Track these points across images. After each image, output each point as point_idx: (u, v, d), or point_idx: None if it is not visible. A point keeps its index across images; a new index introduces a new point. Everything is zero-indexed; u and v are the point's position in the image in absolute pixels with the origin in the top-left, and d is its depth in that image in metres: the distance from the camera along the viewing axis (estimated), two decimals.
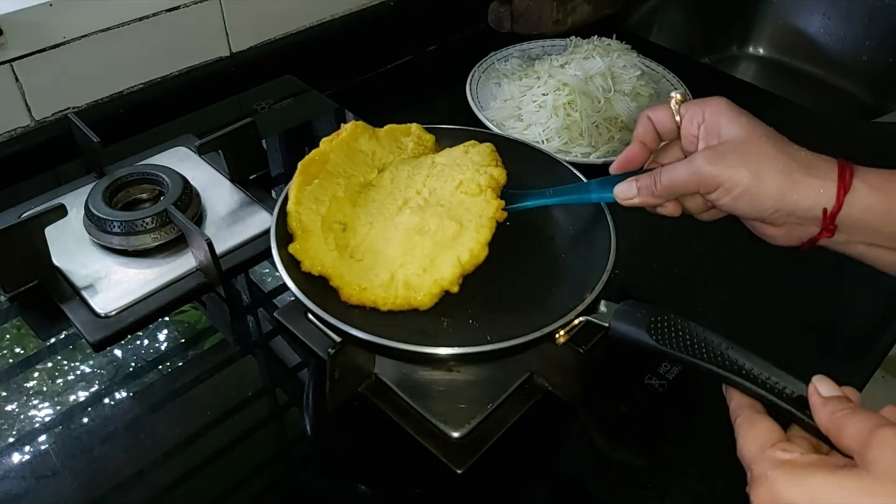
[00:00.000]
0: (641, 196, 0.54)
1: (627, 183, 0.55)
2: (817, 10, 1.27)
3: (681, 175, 0.51)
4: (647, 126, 0.56)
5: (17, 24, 0.78)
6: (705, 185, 0.49)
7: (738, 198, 0.49)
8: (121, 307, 0.67)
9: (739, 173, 0.48)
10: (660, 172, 0.52)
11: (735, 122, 0.50)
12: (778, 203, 0.48)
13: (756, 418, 0.42)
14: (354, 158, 0.65)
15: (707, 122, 0.52)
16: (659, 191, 0.52)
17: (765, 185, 0.48)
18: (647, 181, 0.53)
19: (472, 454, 0.56)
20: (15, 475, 0.56)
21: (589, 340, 0.56)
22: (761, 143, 0.49)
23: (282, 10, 1.00)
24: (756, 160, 0.48)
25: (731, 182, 0.48)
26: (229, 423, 0.60)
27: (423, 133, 0.69)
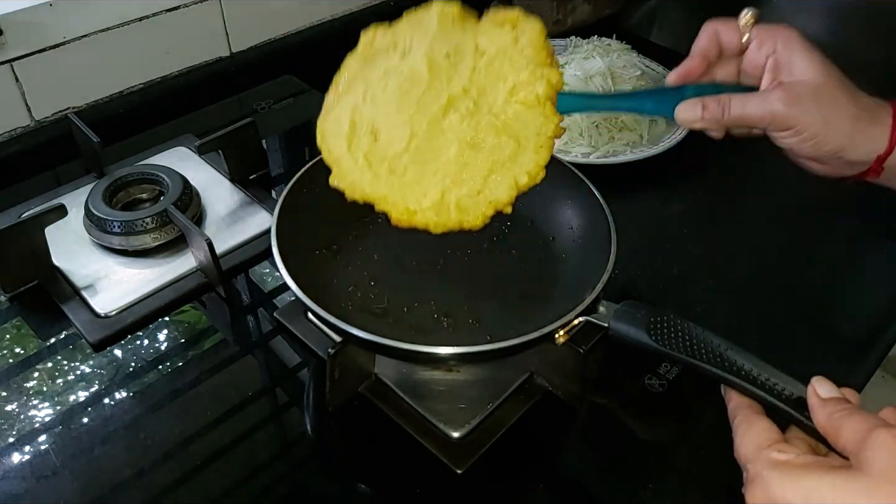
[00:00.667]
0: (705, 122, 0.52)
1: (692, 104, 0.52)
2: (817, 10, 1.27)
3: (754, 111, 0.50)
4: (713, 39, 0.54)
5: (17, 24, 0.78)
6: (776, 124, 0.49)
7: (804, 140, 0.49)
8: (121, 307, 0.67)
9: (814, 119, 0.48)
10: (729, 102, 0.51)
11: (809, 61, 0.50)
12: (838, 148, 0.49)
13: (754, 419, 0.42)
14: (374, 59, 0.58)
15: (778, 54, 0.51)
16: (725, 120, 0.51)
17: (833, 133, 0.48)
18: (714, 107, 0.51)
19: (472, 454, 0.56)
20: (15, 475, 0.56)
21: (589, 340, 0.56)
22: (835, 88, 0.49)
23: (282, 10, 1.00)
24: (830, 107, 0.48)
25: (802, 126, 0.49)
26: (229, 423, 0.60)
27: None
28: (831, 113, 0.48)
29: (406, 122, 0.52)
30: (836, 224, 0.84)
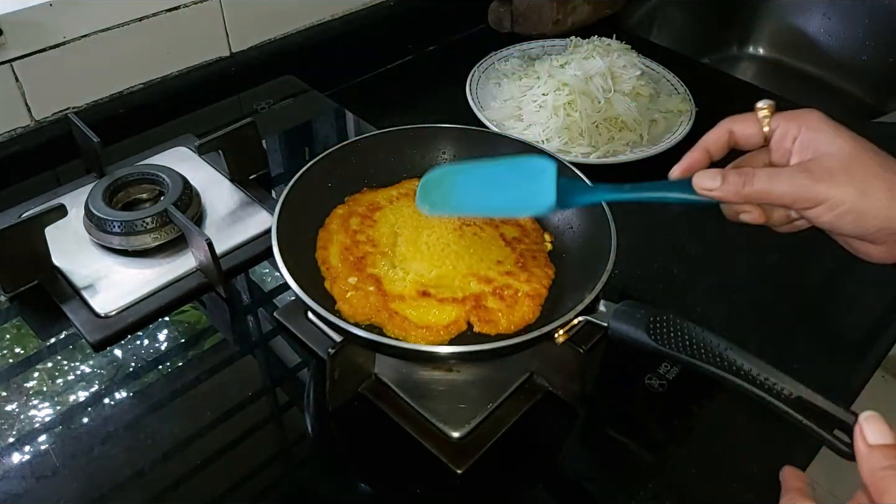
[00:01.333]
0: (723, 190, 0.49)
1: (712, 172, 0.50)
2: (817, 10, 1.27)
3: (781, 185, 0.47)
4: (722, 137, 0.52)
5: (17, 24, 0.78)
6: (805, 200, 0.47)
7: (841, 216, 0.46)
8: (121, 307, 0.67)
9: (846, 191, 0.46)
10: (753, 174, 0.48)
11: (835, 136, 0.48)
12: (884, 222, 0.46)
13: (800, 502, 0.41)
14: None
15: (802, 137, 0.49)
16: (747, 191, 0.48)
17: (871, 204, 0.46)
18: (735, 177, 0.49)
19: (472, 454, 0.56)
20: (15, 475, 0.56)
21: (589, 340, 0.56)
22: (868, 159, 0.46)
23: (282, 10, 1.00)
24: (864, 178, 0.46)
25: (836, 199, 0.46)
26: (229, 423, 0.60)
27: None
28: (865, 182, 0.46)
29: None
30: None
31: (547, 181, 0.55)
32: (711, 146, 0.53)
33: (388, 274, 0.61)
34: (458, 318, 0.58)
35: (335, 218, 0.66)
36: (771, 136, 0.51)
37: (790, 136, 0.50)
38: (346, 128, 0.96)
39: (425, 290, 0.60)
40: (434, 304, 0.59)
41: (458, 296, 0.60)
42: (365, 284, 0.59)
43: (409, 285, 0.60)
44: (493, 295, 0.60)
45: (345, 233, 0.64)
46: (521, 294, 0.60)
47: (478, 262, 0.63)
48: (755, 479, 0.56)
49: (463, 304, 0.59)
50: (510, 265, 0.63)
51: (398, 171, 0.72)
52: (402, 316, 0.58)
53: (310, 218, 0.66)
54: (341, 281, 0.60)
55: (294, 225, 0.62)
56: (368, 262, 0.62)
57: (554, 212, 0.56)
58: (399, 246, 0.64)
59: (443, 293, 0.60)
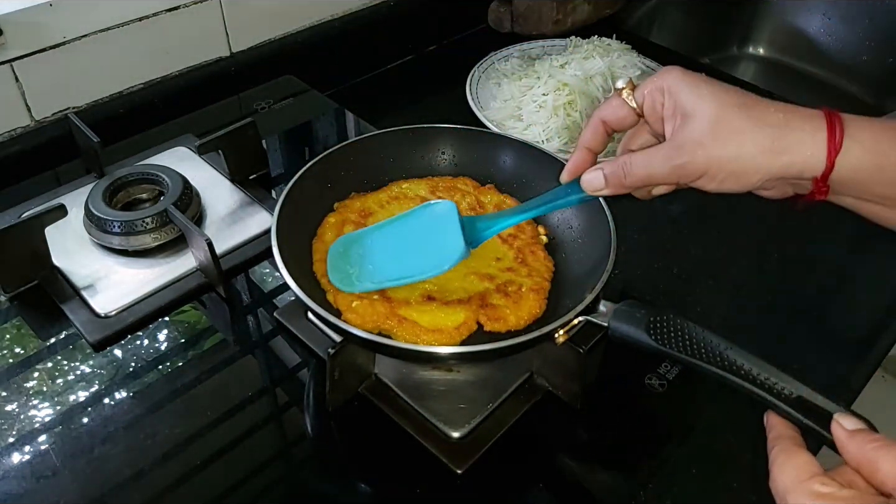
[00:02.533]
0: (611, 187, 0.51)
1: (594, 172, 0.51)
2: (817, 10, 1.27)
3: (659, 168, 0.48)
4: (598, 131, 0.53)
5: (17, 24, 0.78)
6: (687, 175, 0.47)
7: (723, 181, 0.46)
8: (121, 307, 0.67)
9: (719, 158, 0.45)
10: (630, 162, 0.49)
11: (697, 97, 0.47)
12: (765, 175, 0.46)
13: (794, 450, 0.41)
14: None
15: (668, 102, 0.48)
16: (630, 182, 0.49)
17: (748, 164, 0.45)
18: (615, 171, 0.50)
19: (472, 454, 0.56)
20: (15, 475, 0.56)
21: (589, 340, 0.56)
22: (732, 117, 0.46)
23: (282, 10, 1.00)
24: (732, 139, 0.45)
25: (714, 168, 0.46)
26: (229, 423, 0.60)
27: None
28: (736, 143, 0.45)
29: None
30: (836, 224, 0.84)
31: (452, 227, 0.56)
32: (591, 143, 0.53)
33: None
34: (467, 318, 0.58)
35: (328, 227, 0.65)
36: (642, 111, 0.51)
37: (658, 104, 0.49)
38: (346, 128, 0.96)
39: (430, 294, 0.60)
40: (441, 306, 0.59)
41: (464, 296, 0.60)
42: (369, 293, 0.59)
43: (414, 290, 0.60)
44: (498, 292, 0.60)
45: None
46: (524, 289, 0.60)
47: (477, 261, 0.62)
48: (755, 479, 0.56)
49: (469, 304, 0.59)
50: (510, 261, 0.63)
51: (398, 171, 0.72)
52: (411, 321, 0.57)
53: (310, 218, 0.66)
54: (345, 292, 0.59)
55: (294, 225, 0.62)
56: None
57: (465, 253, 0.55)
58: None
59: (448, 295, 0.60)
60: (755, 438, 0.50)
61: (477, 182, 0.71)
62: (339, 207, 0.68)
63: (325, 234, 0.65)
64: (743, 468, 0.57)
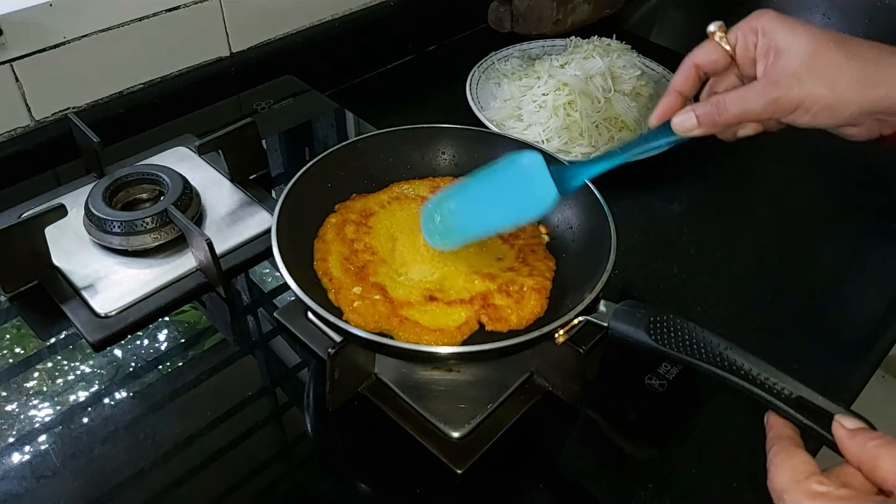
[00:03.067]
0: (703, 127, 0.51)
1: (685, 113, 0.51)
2: (817, 9, 1.27)
3: (753, 103, 0.49)
4: (690, 75, 0.54)
5: (17, 24, 0.78)
6: (781, 109, 0.48)
7: (817, 114, 0.47)
8: (121, 307, 0.67)
9: (816, 91, 0.47)
10: (725, 101, 0.50)
11: (793, 34, 0.48)
12: (858, 109, 0.47)
13: (792, 450, 0.41)
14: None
15: (761, 42, 0.50)
16: (724, 120, 0.50)
17: (843, 96, 0.47)
18: (708, 110, 0.50)
19: (472, 454, 0.56)
20: (15, 475, 0.56)
21: (589, 340, 0.56)
22: (830, 52, 0.47)
23: (282, 10, 1.00)
24: (830, 73, 0.47)
25: (809, 101, 0.47)
26: (229, 423, 0.60)
27: None
28: (833, 77, 0.46)
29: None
30: (836, 224, 0.84)
31: (541, 175, 0.56)
32: (682, 87, 0.54)
33: (392, 281, 0.61)
34: (468, 318, 0.58)
35: (329, 228, 0.65)
36: (734, 53, 0.52)
37: (750, 44, 0.51)
38: (346, 128, 0.96)
39: (432, 295, 0.60)
40: (442, 306, 0.59)
41: (465, 296, 0.60)
42: (370, 293, 0.59)
43: (415, 290, 0.60)
44: (500, 292, 0.60)
45: (341, 242, 0.64)
46: (526, 288, 0.60)
47: (478, 261, 0.63)
48: (755, 478, 0.56)
49: (471, 304, 0.59)
50: (511, 261, 0.63)
51: (398, 171, 0.72)
52: (413, 321, 0.57)
53: (310, 218, 0.66)
54: (346, 291, 0.59)
55: (294, 225, 0.62)
56: (370, 270, 0.62)
57: (558, 203, 0.56)
58: (398, 251, 0.64)
59: (449, 295, 0.60)
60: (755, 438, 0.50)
61: None
62: (340, 208, 0.68)
63: (326, 234, 0.65)
64: (743, 468, 0.57)
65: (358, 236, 0.65)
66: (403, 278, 0.61)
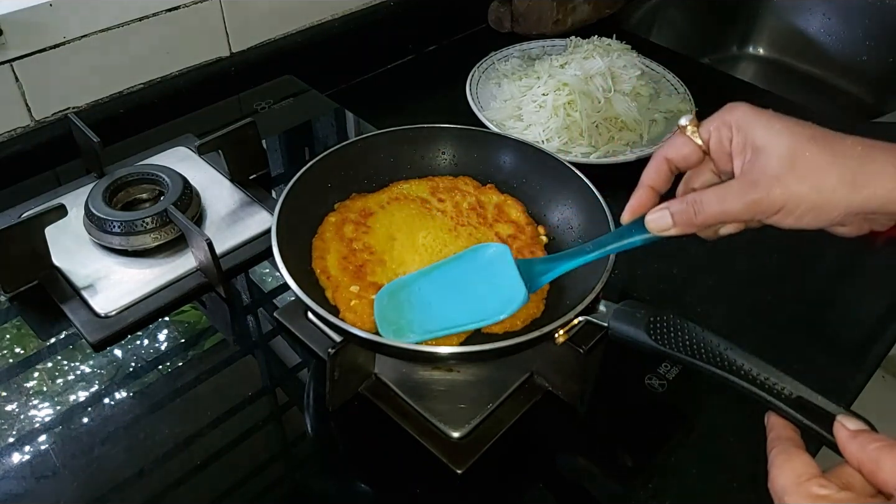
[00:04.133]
0: (679, 227, 0.48)
1: (659, 211, 0.49)
2: (817, 10, 1.27)
3: (733, 205, 0.46)
4: (662, 169, 0.51)
5: (17, 24, 0.78)
6: (763, 211, 0.45)
7: (802, 216, 0.45)
8: (121, 307, 0.67)
9: (799, 192, 0.44)
10: (701, 201, 0.47)
11: (769, 131, 0.45)
12: (845, 210, 0.44)
13: (794, 452, 0.40)
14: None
15: (737, 138, 0.47)
16: (701, 220, 0.47)
17: (829, 198, 0.44)
18: (684, 208, 0.48)
19: (472, 454, 0.56)
20: (15, 475, 0.56)
21: (589, 340, 0.56)
22: (812, 151, 0.44)
23: (282, 10, 1.00)
24: (812, 173, 0.44)
25: (792, 202, 0.44)
26: (229, 423, 0.60)
27: None
28: (816, 177, 0.43)
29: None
30: None
31: (508, 270, 0.55)
32: (653, 182, 0.51)
33: (390, 280, 0.61)
34: None
35: (328, 226, 0.65)
36: (708, 147, 0.49)
37: (725, 139, 0.48)
38: (346, 128, 0.96)
39: None
40: None
41: None
42: (368, 293, 0.59)
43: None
44: None
45: (340, 241, 0.64)
46: None
47: None
48: (755, 479, 0.56)
49: None
50: None
51: (398, 171, 0.72)
52: None
53: (310, 218, 0.66)
54: (343, 290, 0.59)
55: (294, 225, 0.62)
56: (368, 269, 0.62)
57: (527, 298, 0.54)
58: (396, 251, 0.64)
59: None
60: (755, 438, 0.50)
61: (477, 182, 0.71)
62: (340, 207, 0.68)
63: (325, 232, 0.65)
64: (742, 468, 0.57)
65: (357, 236, 0.65)
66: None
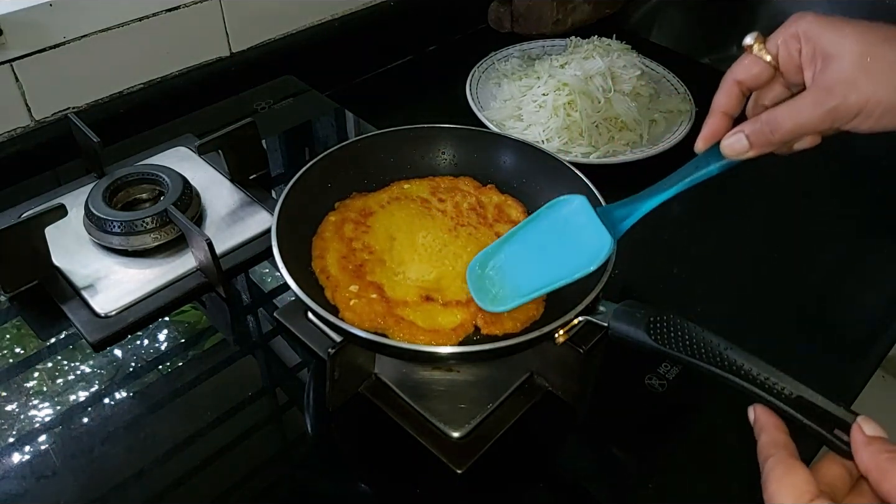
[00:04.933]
0: (756, 147, 0.47)
1: (734, 135, 0.48)
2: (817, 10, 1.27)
3: (810, 116, 0.45)
4: (733, 93, 0.49)
5: (17, 24, 0.78)
6: (841, 118, 0.44)
7: (880, 118, 0.43)
8: (121, 307, 0.67)
9: (878, 94, 0.43)
10: (776, 117, 0.45)
11: (839, 36, 0.44)
12: None
13: (792, 464, 0.40)
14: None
15: (806, 48, 0.45)
16: (779, 138, 0.46)
17: None
18: (759, 128, 0.46)
19: (472, 454, 0.56)
20: (15, 475, 0.56)
21: (589, 340, 0.56)
22: (883, 51, 0.43)
23: (282, 10, 1.00)
24: (887, 73, 0.43)
25: (870, 105, 0.43)
26: (229, 423, 0.60)
27: None
28: (889, 79, 0.42)
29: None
30: (837, 224, 0.84)
31: (589, 221, 0.54)
32: (726, 107, 0.50)
33: (389, 280, 0.61)
34: (464, 320, 0.58)
35: (328, 226, 0.65)
36: (777, 63, 0.48)
37: (794, 51, 0.47)
38: (346, 128, 0.96)
39: (428, 295, 0.60)
40: (438, 307, 0.59)
41: (462, 298, 0.60)
42: (367, 292, 0.59)
43: (412, 290, 0.60)
44: None
45: (340, 240, 0.64)
46: None
47: None
48: (755, 479, 0.56)
49: (467, 306, 0.59)
50: None
51: (398, 171, 0.72)
52: (408, 321, 0.57)
53: (310, 218, 0.66)
54: (342, 290, 0.59)
55: (294, 225, 0.62)
56: (367, 269, 0.62)
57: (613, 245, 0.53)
58: (396, 250, 0.64)
59: (446, 296, 0.60)
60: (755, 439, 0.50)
61: (478, 182, 0.71)
62: (340, 207, 0.68)
63: (324, 231, 0.65)
64: (742, 468, 0.57)
65: (356, 235, 0.65)
66: (400, 278, 0.61)
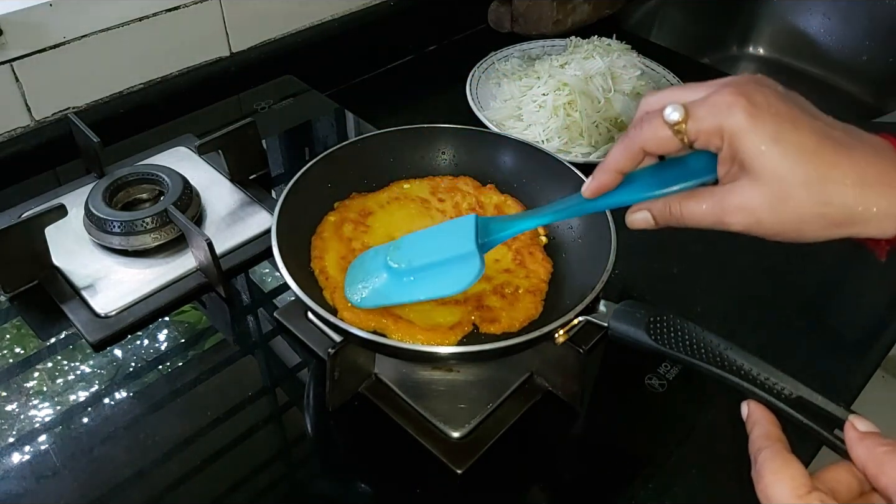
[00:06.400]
0: (660, 225, 0.49)
1: (641, 213, 0.49)
2: (817, 10, 1.27)
3: (706, 221, 0.46)
4: (636, 158, 0.47)
5: (17, 24, 0.78)
6: (731, 229, 0.44)
7: (774, 238, 0.43)
8: (121, 307, 0.67)
9: (773, 229, 0.42)
10: (680, 210, 0.46)
11: (759, 154, 0.41)
12: (822, 239, 0.42)
13: (786, 458, 0.40)
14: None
15: (725, 148, 0.42)
16: (681, 223, 0.48)
17: (806, 235, 0.42)
18: (663, 213, 0.48)
19: (472, 454, 0.56)
20: (15, 475, 0.56)
21: (588, 340, 0.56)
22: (798, 197, 0.40)
23: (282, 10, 1.00)
24: (794, 220, 0.41)
25: (767, 234, 0.43)
26: (229, 423, 0.60)
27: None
28: (793, 225, 0.41)
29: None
30: None
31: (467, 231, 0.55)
32: (623, 168, 0.48)
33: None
34: (462, 319, 0.58)
35: (328, 226, 0.65)
36: (692, 146, 0.44)
37: (713, 146, 0.43)
38: (346, 128, 0.96)
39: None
40: (436, 306, 0.59)
41: (460, 297, 0.60)
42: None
43: None
44: (494, 293, 0.60)
45: (339, 240, 0.64)
46: (521, 290, 0.60)
47: None
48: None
49: (465, 305, 0.59)
50: (508, 262, 0.63)
51: (398, 171, 0.72)
52: (406, 321, 0.57)
53: (310, 218, 0.66)
54: (342, 290, 0.59)
55: (294, 225, 0.62)
56: None
57: (481, 266, 0.53)
58: None
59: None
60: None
61: (478, 182, 0.71)
62: (339, 207, 0.68)
63: (324, 231, 0.65)
64: (743, 468, 0.57)
65: (356, 235, 0.65)
66: None
